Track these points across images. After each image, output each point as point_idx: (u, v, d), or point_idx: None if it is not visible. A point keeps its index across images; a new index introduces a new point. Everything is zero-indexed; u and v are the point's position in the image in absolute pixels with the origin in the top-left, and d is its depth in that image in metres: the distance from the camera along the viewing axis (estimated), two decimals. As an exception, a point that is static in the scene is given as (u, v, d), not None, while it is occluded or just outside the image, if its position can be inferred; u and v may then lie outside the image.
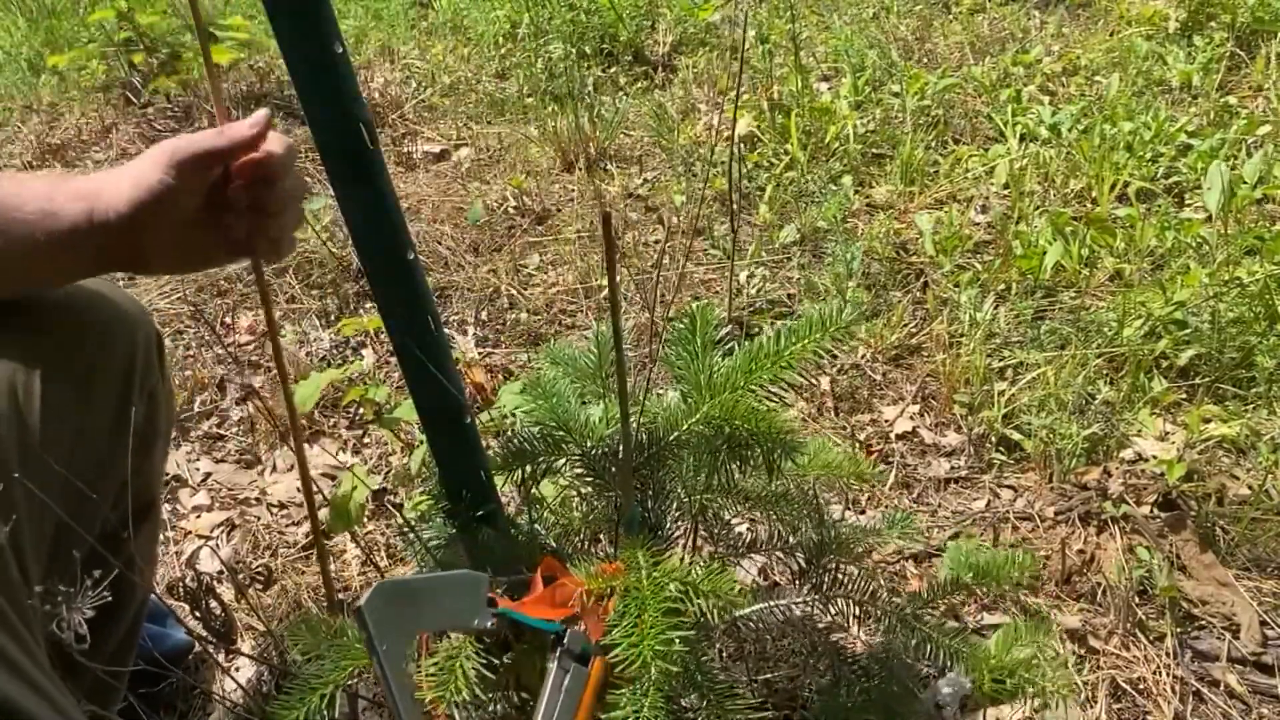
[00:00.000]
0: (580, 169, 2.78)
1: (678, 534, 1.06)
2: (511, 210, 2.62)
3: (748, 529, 1.44)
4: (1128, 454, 1.70)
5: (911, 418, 1.86)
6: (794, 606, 1.08)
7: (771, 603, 1.07)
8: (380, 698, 1.34)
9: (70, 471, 0.86)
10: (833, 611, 1.07)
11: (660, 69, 3.37)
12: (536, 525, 1.07)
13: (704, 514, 1.03)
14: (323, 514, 1.75)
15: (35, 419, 0.86)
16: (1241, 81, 2.84)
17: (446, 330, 2.07)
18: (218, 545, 1.69)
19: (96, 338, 0.97)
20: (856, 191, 2.55)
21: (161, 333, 1.10)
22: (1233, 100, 2.71)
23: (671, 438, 0.91)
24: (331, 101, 0.83)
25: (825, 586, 1.06)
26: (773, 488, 1.04)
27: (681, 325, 0.95)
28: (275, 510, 1.77)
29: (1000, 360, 1.91)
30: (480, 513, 1.03)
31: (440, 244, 2.49)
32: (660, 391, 1.25)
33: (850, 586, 1.06)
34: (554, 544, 1.05)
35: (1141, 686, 1.34)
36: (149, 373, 1.04)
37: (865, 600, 1.05)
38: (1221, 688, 1.33)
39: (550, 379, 1.04)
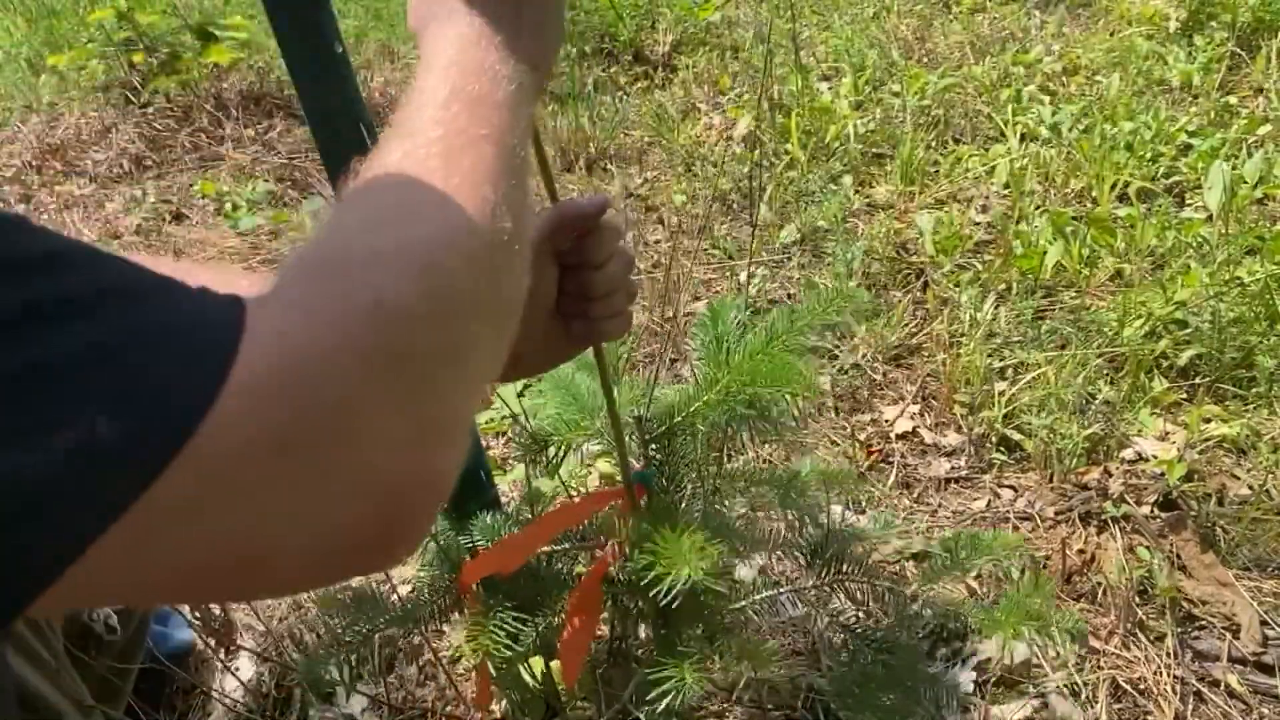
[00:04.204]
0: (580, 168, 2.78)
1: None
2: (511, 210, 2.62)
3: (746, 528, 1.44)
4: (1128, 454, 1.70)
5: (912, 417, 1.86)
6: (798, 598, 1.08)
7: (778, 589, 1.08)
8: (379, 698, 1.34)
9: None
10: (840, 597, 1.08)
11: (660, 68, 3.37)
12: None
13: (714, 495, 1.05)
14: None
15: None
16: (1242, 81, 2.84)
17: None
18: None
19: None
20: (856, 191, 2.55)
21: None
22: (1233, 100, 2.71)
23: (690, 410, 0.95)
24: (331, 101, 0.83)
25: (828, 575, 1.07)
26: (783, 470, 1.06)
27: (704, 314, 0.99)
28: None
29: (1000, 360, 1.91)
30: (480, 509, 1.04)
31: (440, 244, 2.49)
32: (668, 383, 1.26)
33: (854, 574, 1.07)
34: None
35: (1142, 686, 1.34)
36: None
37: (870, 590, 1.06)
38: (1222, 688, 1.33)
39: (565, 370, 1.06)
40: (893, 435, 1.82)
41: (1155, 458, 1.65)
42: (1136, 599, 1.43)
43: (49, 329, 0.33)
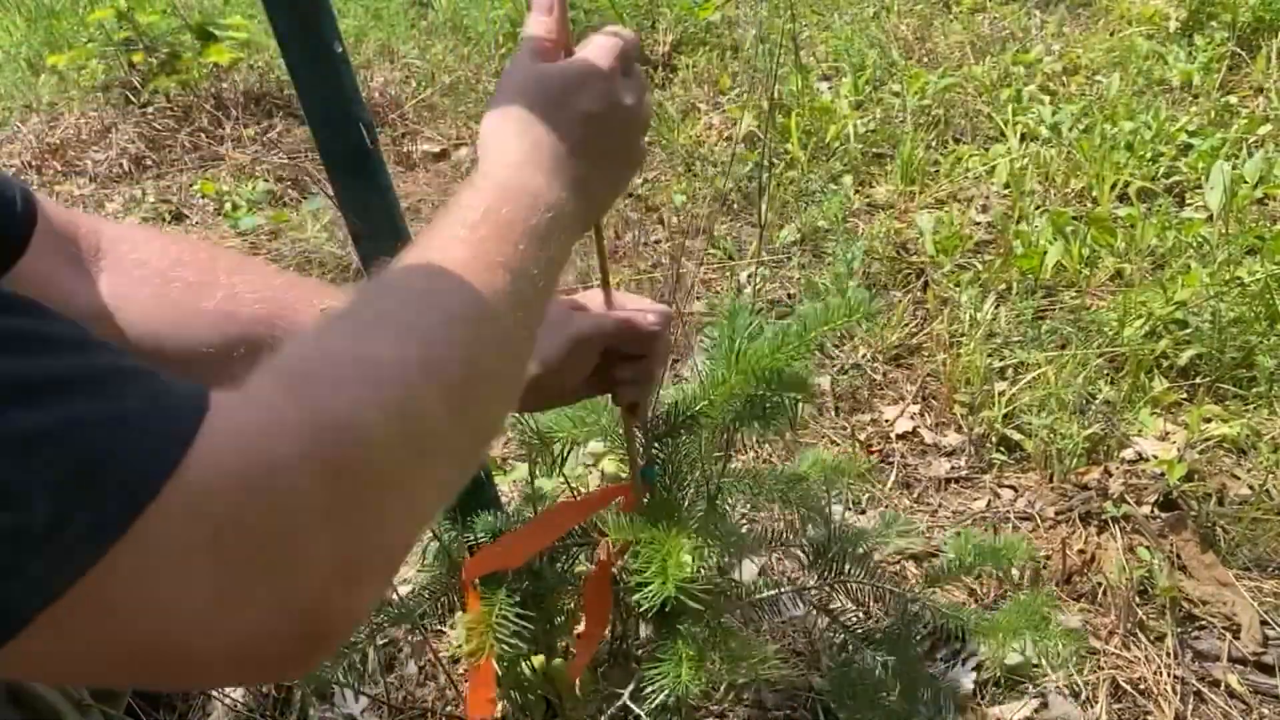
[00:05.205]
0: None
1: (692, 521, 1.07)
2: (511, 210, 2.61)
3: (747, 529, 1.44)
4: (1128, 454, 1.70)
5: (912, 417, 1.86)
6: (799, 598, 1.09)
7: (779, 590, 1.08)
8: (381, 698, 1.34)
9: None
10: (841, 598, 1.08)
11: (660, 68, 3.37)
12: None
13: (718, 494, 1.05)
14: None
15: None
16: (1242, 81, 2.84)
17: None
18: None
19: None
20: (857, 191, 2.55)
21: None
22: (1233, 100, 2.71)
23: (696, 408, 0.96)
24: (331, 101, 0.83)
25: (831, 575, 1.07)
26: (786, 472, 1.07)
27: (719, 314, 0.99)
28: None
29: (1001, 360, 1.91)
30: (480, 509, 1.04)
31: (440, 244, 2.48)
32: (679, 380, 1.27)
33: (856, 575, 1.07)
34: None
35: (1142, 686, 1.34)
36: None
37: (871, 590, 1.06)
38: (1222, 688, 1.33)
39: None
40: (893, 435, 1.82)
41: (1155, 458, 1.65)
42: (1136, 599, 1.43)
43: (5, 405, 0.33)
